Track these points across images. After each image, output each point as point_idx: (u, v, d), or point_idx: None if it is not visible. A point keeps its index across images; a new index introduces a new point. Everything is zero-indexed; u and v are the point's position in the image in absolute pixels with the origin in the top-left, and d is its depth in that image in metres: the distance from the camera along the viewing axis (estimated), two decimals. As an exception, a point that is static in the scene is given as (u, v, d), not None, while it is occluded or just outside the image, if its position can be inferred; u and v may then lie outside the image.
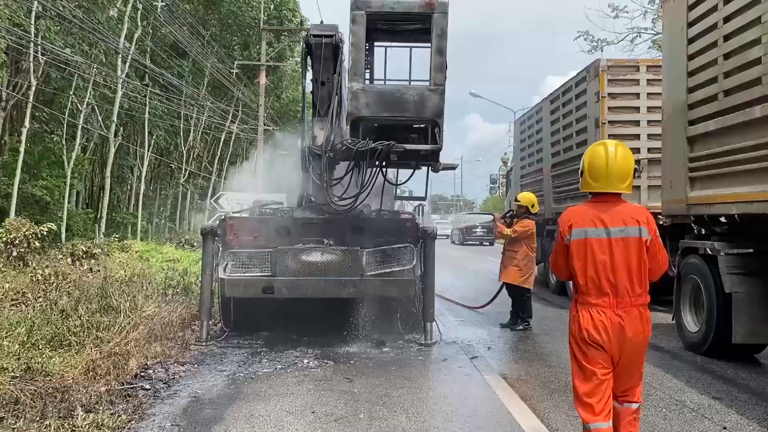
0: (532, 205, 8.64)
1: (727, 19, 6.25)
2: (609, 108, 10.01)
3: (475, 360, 6.63)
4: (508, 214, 9.14)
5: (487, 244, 33.38)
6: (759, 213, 5.72)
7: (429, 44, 7.00)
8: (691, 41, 6.94)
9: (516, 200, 8.93)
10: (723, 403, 5.17)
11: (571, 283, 3.63)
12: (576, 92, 11.41)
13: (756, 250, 6.07)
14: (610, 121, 10.00)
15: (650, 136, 9.61)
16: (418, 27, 7.26)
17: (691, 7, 6.91)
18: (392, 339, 7.27)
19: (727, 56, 6.26)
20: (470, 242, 34.54)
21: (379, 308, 7.32)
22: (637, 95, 10.06)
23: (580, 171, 3.52)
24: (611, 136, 9.55)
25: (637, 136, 9.85)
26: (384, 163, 7.30)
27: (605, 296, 3.30)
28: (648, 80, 9.98)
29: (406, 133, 7.33)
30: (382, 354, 6.80)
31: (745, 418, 4.79)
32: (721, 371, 6.25)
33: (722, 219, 6.49)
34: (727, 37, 6.25)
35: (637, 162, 4.00)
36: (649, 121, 9.81)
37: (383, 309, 7.41)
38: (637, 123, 10.04)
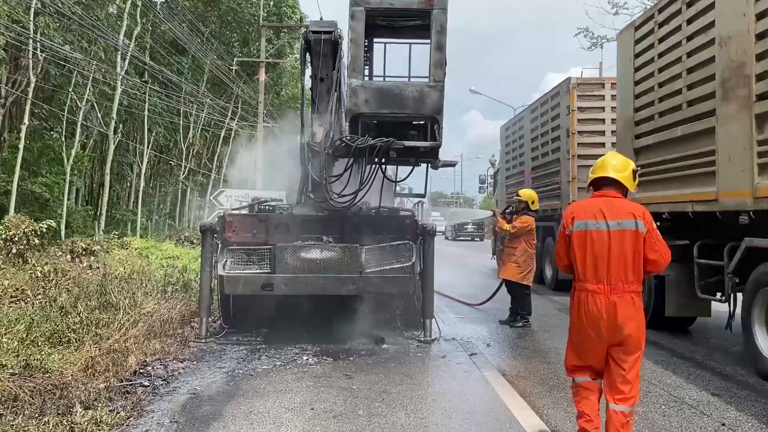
0: (533, 202, 8.63)
1: (660, 55, 7.63)
2: (578, 120, 11.52)
3: (474, 357, 6.64)
4: (508, 210, 9.13)
5: (478, 239, 36.00)
6: (680, 211, 7.17)
7: (428, 41, 6.98)
8: (636, 69, 8.27)
9: (517, 195, 8.92)
10: (722, 400, 5.17)
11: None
12: (551, 105, 12.83)
13: (690, 242, 7.18)
14: (579, 131, 11.49)
15: (613, 145, 10.24)
16: (417, 23, 7.24)
17: (636, 42, 8.31)
18: (391, 336, 7.27)
19: (660, 85, 7.64)
20: (462, 238, 36.97)
21: (378, 305, 7.32)
22: (603, 109, 11.41)
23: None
24: (580, 145, 11.42)
25: (602, 145, 11.05)
26: (383, 160, 7.29)
27: (601, 283, 3.62)
28: (612, 96, 10.95)
29: (406, 130, 7.32)
30: (381, 351, 6.80)
31: (745, 415, 4.79)
32: (720, 368, 6.26)
33: (664, 216, 7.54)
34: (660, 70, 7.63)
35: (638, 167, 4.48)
36: (612, 131, 10.78)
37: (382, 306, 7.41)
38: (602, 133, 11.34)
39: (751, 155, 5.78)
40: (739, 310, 6.27)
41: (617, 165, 3.81)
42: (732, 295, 6.33)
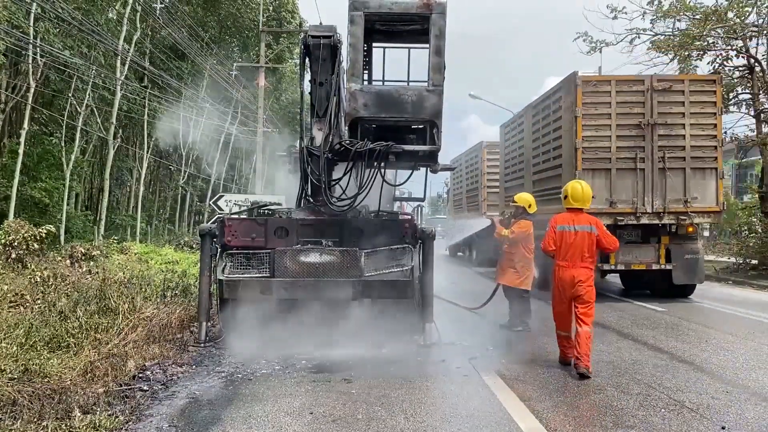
0: (529, 206, 8.52)
1: (512, 144, 16.20)
2: (487, 166, 20.37)
3: (473, 360, 6.63)
4: (505, 216, 9.10)
5: (445, 237, 41.92)
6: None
7: (427, 45, 6.99)
8: (505, 148, 17.20)
9: (513, 201, 8.87)
10: (722, 403, 5.17)
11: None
12: (474, 154, 22.08)
13: None
14: (488, 172, 20.29)
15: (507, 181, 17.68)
16: (416, 27, 7.25)
17: (504, 134, 17.15)
18: (391, 340, 7.24)
19: (512, 159, 16.13)
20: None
21: (377, 309, 7.30)
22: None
23: (563, 195, 6.62)
24: (488, 180, 20.14)
25: (497, 180, 18.13)
26: (382, 164, 7.28)
27: (567, 261, 6.29)
28: None
29: (405, 134, 7.33)
30: (380, 355, 6.79)
31: (744, 418, 4.79)
32: (720, 371, 6.26)
33: None
34: (512, 150, 16.16)
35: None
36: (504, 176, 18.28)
37: (382, 310, 7.39)
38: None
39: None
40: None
41: (588, 196, 6.50)
42: None
